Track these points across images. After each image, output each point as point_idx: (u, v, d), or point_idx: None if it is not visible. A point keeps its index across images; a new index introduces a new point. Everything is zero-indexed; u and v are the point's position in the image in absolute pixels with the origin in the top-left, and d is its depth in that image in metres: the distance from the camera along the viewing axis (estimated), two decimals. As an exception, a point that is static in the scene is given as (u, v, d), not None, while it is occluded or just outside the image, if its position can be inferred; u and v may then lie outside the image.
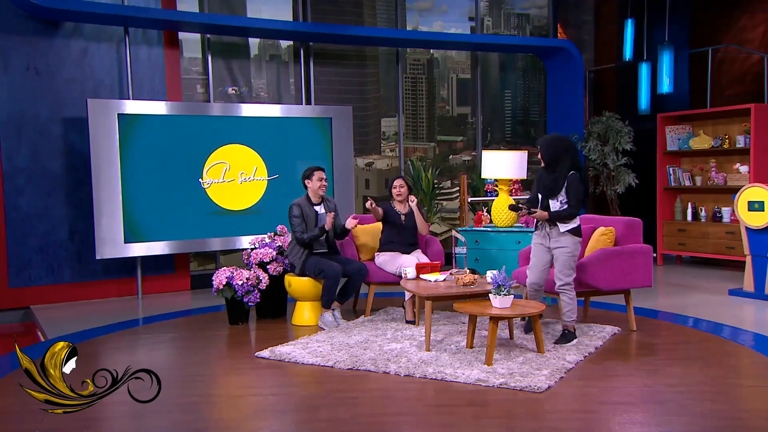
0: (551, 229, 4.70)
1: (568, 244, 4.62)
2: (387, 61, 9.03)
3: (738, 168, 8.02)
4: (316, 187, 5.64)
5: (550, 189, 4.62)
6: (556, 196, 4.60)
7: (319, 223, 5.65)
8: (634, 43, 9.14)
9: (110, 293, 7.26)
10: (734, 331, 5.26)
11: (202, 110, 7.38)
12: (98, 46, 7.18)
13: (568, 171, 4.58)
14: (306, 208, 5.64)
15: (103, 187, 6.80)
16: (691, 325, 5.45)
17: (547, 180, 4.67)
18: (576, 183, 4.57)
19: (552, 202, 4.62)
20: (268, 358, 4.65)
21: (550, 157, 4.64)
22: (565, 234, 4.62)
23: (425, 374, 4.13)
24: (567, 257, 4.64)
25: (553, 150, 4.63)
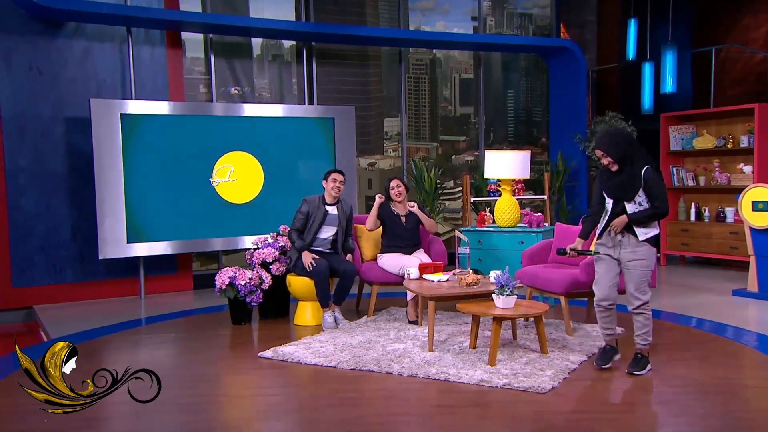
0: (625, 237, 4.01)
1: (646, 256, 3.99)
2: (389, 61, 9.02)
3: (742, 168, 8.00)
4: (329, 188, 5.65)
5: (628, 190, 3.92)
6: (634, 197, 3.92)
7: (327, 222, 5.65)
8: (637, 42, 9.13)
9: (113, 293, 7.26)
10: (738, 331, 5.24)
11: (205, 110, 7.38)
12: (101, 46, 7.18)
13: (642, 166, 3.92)
14: (314, 206, 5.64)
15: (106, 187, 6.80)
16: (694, 326, 5.43)
17: (620, 180, 3.96)
18: (656, 177, 3.93)
19: (629, 206, 3.95)
20: (270, 358, 4.64)
21: (623, 154, 3.91)
22: (643, 244, 3.97)
23: (428, 375, 4.12)
24: (644, 271, 3.99)
25: (624, 145, 3.92)
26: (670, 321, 5.60)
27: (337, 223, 5.68)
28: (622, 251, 4.02)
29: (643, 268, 3.98)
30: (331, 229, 5.68)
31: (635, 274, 3.98)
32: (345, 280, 5.57)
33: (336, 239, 5.70)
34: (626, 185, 3.92)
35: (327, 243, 5.69)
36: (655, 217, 3.95)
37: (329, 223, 5.66)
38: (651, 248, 4.01)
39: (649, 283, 4.03)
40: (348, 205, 5.84)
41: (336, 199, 5.69)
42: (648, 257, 3.99)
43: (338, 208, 5.71)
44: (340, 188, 5.63)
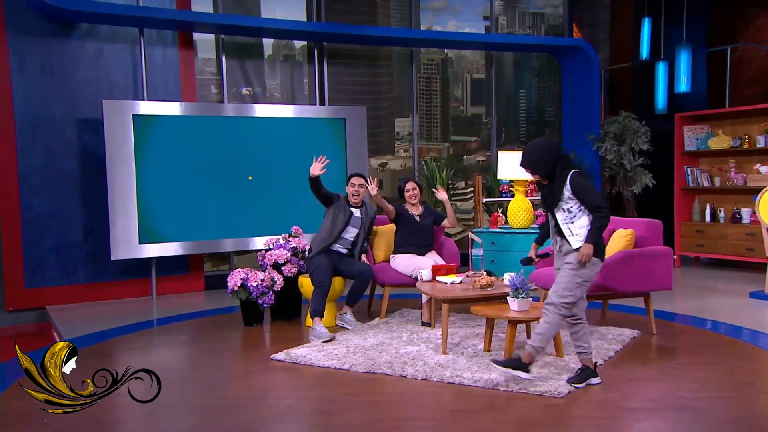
0: (562, 243, 3.87)
1: (576, 260, 3.78)
2: (401, 61, 8.98)
3: (758, 168, 7.90)
4: (350, 192, 5.64)
5: (554, 199, 3.79)
6: (559, 205, 3.78)
7: (352, 223, 5.63)
8: (651, 41, 9.04)
9: (125, 294, 7.26)
10: (756, 334, 5.17)
11: (217, 111, 7.37)
12: (113, 47, 7.19)
13: (568, 173, 3.77)
14: (341, 206, 5.63)
15: (118, 187, 6.80)
16: (711, 329, 5.36)
17: (547, 190, 3.85)
18: (584, 182, 3.75)
19: (558, 214, 3.82)
20: (283, 361, 4.62)
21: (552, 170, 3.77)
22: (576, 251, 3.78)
23: (443, 378, 4.08)
24: (570, 274, 3.77)
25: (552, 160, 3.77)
26: (687, 324, 5.53)
27: (360, 225, 5.67)
28: (563, 258, 3.88)
29: (569, 270, 3.76)
30: (354, 231, 5.67)
31: (561, 275, 3.83)
32: (360, 282, 5.55)
33: (356, 242, 5.68)
34: (553, 194, 3.79)
35: (348, 243, 5.69)
36: (604, 225, 3.74)
37: (353, 225, 5.65)
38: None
39: (572, 291, 3.76)
40: (372, 209, 5.84)
41: (359, 202, 5.67)
42: (579, 264, 3.75)
43: (362, 212, 5.70)
44: (359, 191, 5.61)
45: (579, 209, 3.75)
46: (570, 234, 3.76)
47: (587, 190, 3.73)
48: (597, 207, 3.71)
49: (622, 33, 10.35)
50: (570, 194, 3.73)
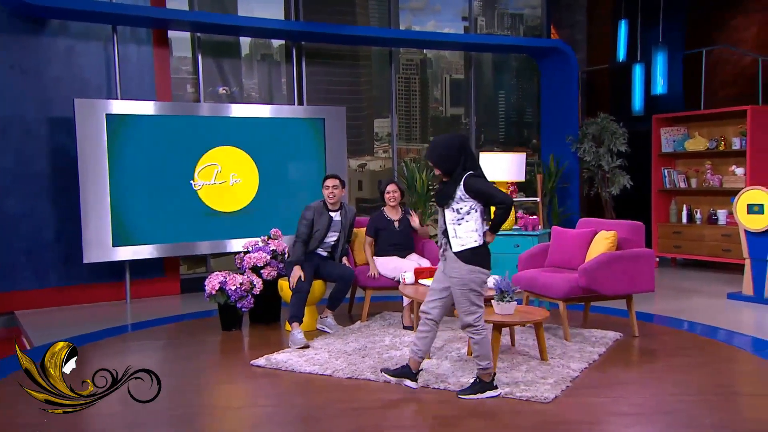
0: (448, 251, 3.73)
1: (459, 275, 3.68)
2: (380, 61, 8.91)
3: (734, 170, 7.98)
4: (325, 195, 5.51)
5: (445, 196, 3.69)
6: (449, 203, 3.68)
7: (333, 228, 5.53)
8: (628, 43, 9.09)
9: (98, 298, 7.08)
10: (736, 336, 5.20)
11: (193, 110, 7.23)
12: (86, 45, 7.00)
13: (464, 173, 3.66)
14: (319, 213, 5.51)
15: (91, 189, 6.63)
16: (692, 330, 5.38)
17: (442, 187, 3.76)
18: (476, 181, 3.65)
19: (447, 213, 3.70)
20: (263, 367, 4.52)
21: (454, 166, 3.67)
22: (457, 261, 3.67)
23: (427, 383, 4.02)
24: (461, 291, 3.69)
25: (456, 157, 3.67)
26: (668, 326, 5.54)
27: (340, 228, 5.57)
28: (447, 266, 3.77)
29: (459, 287, 3.69)
30: (334, 235, 5.58)
31: (454, 293, 3.75)
32: (341, 285, 5.46)
33: (336, 245, 5.59)
34: (446, 192, 3.69)
35: (328, 247, 5.60)
36: (506, 213, 3.68)
37: (333, 229, 5.56)
38: (465, 266, 3.67)
39: (474, 302, 3.71)
40: (351, 211, 5.73)
41: (336, 205, 5.56)
42: (461, 276, 3.67)
43: (342, 214, 5.60)
44: (334, 193, 5.49)
45: (468, 212, 3.67)
46: (454, 235, 3.68)
47: (484, 188, 3.67)
48: (501, 202, 3.67)
49: (600, 35, 10.40)
50: (462, 194, 3.65)
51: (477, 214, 3.69)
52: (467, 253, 3.67)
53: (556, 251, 5.44)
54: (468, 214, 3.67)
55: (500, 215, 3.71)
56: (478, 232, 3.69)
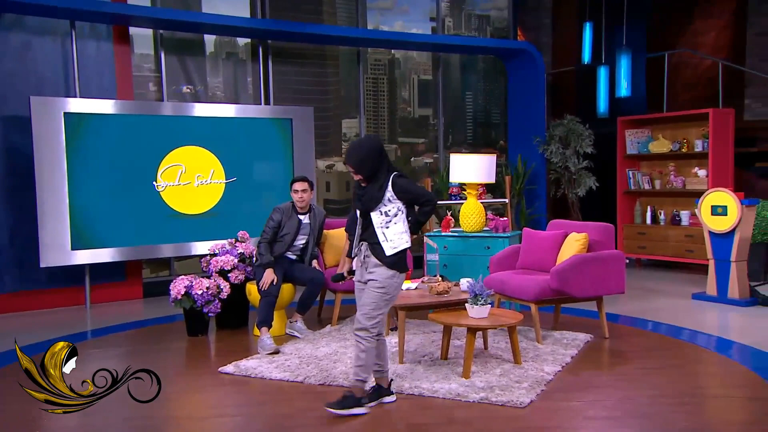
0: (371, 258, 3.63)
1: (380, 278, 3.57)
2: (348, 61, 8.81)
3: (696, 172, 8.11)
4: (295, 199, 5.38)
5: (373, 200, 3.58)
6: (377, 207, 3.59)
7: (302, 231, 5.41)
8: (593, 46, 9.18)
9: (55, 303, 6.83)
10: (704, 337, 5.26)
11: (155, 110, 7.02)
12: (42, 40, 6.74)
13: (389, 175, 3.60)
14: (287, 215, 5.38)
15: (48, 190, 6.38)
16: (661, 331, 5.42)
17: (366, 191, 3.62)
18: (404, 182, 3.62)
19: (375, 216, 3.60)
20: (232, 374, 4.38)
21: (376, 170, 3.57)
22: (380, 265, 3.58)
23: (401, 389, 3.94)
24: (376, 294, 3.56)
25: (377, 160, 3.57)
26: (637, 327, 5.58)
27: (309, 231, 5.46)
28: (366, 272, 3.65)
29: (375, 289, 3.57)
30: (303, 238, 5.46)
31: (366, 294, 3.61)
32: (312, 288, 5.34)
33: (306, 248, 5.48)
34: (372, 195, 3.58)
35: (297, 250, 5.48)
36: (430, 210, 3.69)
37: (302, 232, 5.44)
38: (389, 271, 3.57)
39: (380, 309, 3.58)
40: (321, 213, 5.62)
41: (305, 208, 5.44)
42: (382, 279, 3.57)
43: (311, 217, 5.48)
44: (303, 197, 5.37)
45: (396, 213, 3.61)
46: (384, 239, 3.58)
47: (411, 187, 3.67)
48: (427, 200, 3.68)
49: (565, 37, 10.49)
50: (391, 196, 3.58)
51: (403, 215, 3.66)
52: (392, 258, 3.58)
53: (527, 253, 5.43)
54: (396, 216, 3.62)
55: (425, 213, 3.72)
56: (407, 234, 3.67)
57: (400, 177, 3.63)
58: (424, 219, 3.75)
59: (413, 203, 3.69)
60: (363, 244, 3.67)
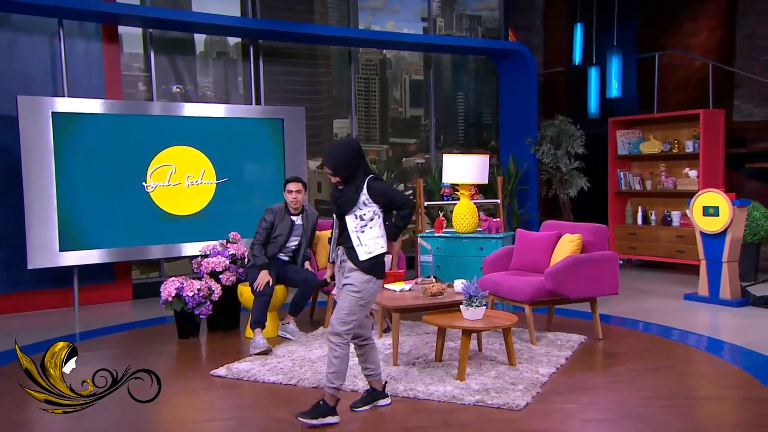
0: (344, 260, 3.55)
1: (356, 282, 3.47)
2: (339, 61, 8.77)
3: (687, 172, 8.14)
4: (288, 200, 5.33)
5: (348, 203, 3.51)
6: (352, 210, 3.50)
7: (294, 232, 5.36)
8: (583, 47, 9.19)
9: (44, 305, 6.74)
10: (697, 338, 5.27)
11: (145, 109, 6.95)
12: (29, 39, 6.65)
13: (364, 178, 3.52)
14: (280, 216, 5.33)
15: (36, 191, 6.30)
16: (653, 332, 5.42)
17: (342, 194, 3.55)
18: (379, 185, 3.53)
19: (349, 220, 3.51)
20: (224, 377, 4.34)
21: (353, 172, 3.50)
22: (355, 269, 3.49)
23: (396, 392, 3.91)
24: (350, 298, 3.46)
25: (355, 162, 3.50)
26: (627, 327, 5.58)
27: (302, 232, 5.41)
28: (342, 277, 3.56)
29: (351, 293, 3.46)
30: (295, 240, 5.41)
31: (342, 299, 3.51)
32: (305, 290, 5.30)
33: (298, 249, 5.43)
34: (347, 198, 3.51)
35: (289, 252, 5.44)
36: (407, 214, 3.59)
37: (295, 234, 5.39)
38: (365, 276, 3.46)
39: (355, 314, 3.47)
40: (314, 214, 5.57)
41: (298, 209, 5.40)
42: (359, 283, 3.46)
43: (303, 218, 5.43)
44: (297, 198, 5.33)
45: (371, 218, 3.51)
46: (359, 243, 3.48)
47: (387, 190, 3.56)
48: (403, 204, 3.57)
49: (556, 38, 10.50)
50: (366, 199, 3.49)
51: (380, 220, 3.55)
52: (368, 263, 3.48)
53: (520, 254, 5.42)
54: (371, 220, 3.52)
55: (403, 218, 3.60)
56: (383, 238, 3.56)
57: (375, 180, 3.54)
58: (402, 224, 3.62)
59: (389, 207, 3.58)
60: (340, 249, 3.58)
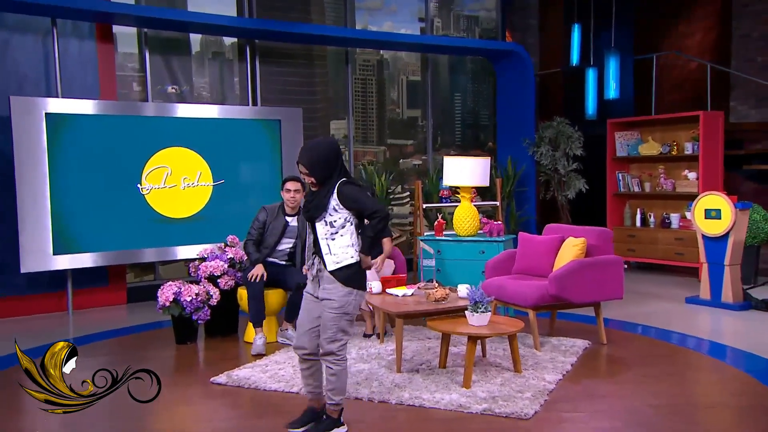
0: (320, 266, 3.33)
1: (336, 296, 3.26)
2: (336, 62, 8.68)
3: (686, 174, 8.11)
4: (286, 199, 5.24)
5: (318, 208, 3.26)
6: (322, 216, 3.26)
7: (287, 234, 5.27)
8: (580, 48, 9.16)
9: (37, 309, 6.62)
10: (700, 342, 5.22)
11: (140, 110, 6.85)
12: (22, 38, 6.53)
13: (337, 181, 3.27)
14: (273, 216, 5.24)
15: (29, 193, 6.19)
16: (657, 337, 5.36)
17: (313, 197, 3.32)
18: (352, 190, 3.27)
19: (319, 227, 3.28)
20: (225, 384, 4.25)
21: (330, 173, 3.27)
22: (333, 280, 3.26)
23: (401, 400, 3.83)
24: (333, 314, 3.26)
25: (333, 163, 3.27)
26: (631, 331, 5.53)
27: (296, 235, 5.31)
28: (320, 288, 3.33)
29: (332, 310, 3.25)
30: (290, 241, 5.31)
31: (324, 317, 3.28)
32: (298, 295, 5.20)
33: (294, 252, 5.33)
34: (317, 202, 3.26)
35: (284, 255, 5.32)
36: (383, 228, 3.29)
37: (288, 235, 5.29)
38: (344, 289, 3.26)
39: (344, 330, 3.29)
40: None
41: (295, 209, 5.30)
42: (338, 298, 3.25)
43: (299, 219, 5.32)
44: (295, 197, 5.23)
45: (343, 225, 3.26)
46: (327, 252, 3.26)
47: (361, 197, 3.27)
48: (374, 212, 3.25)
49: (551, 38, 10.46)
50: (336, 204, 3.24)
51: (352, 227, 3.29)
52: (344, 272, 3.25)
53: (523, 258, 5.35)
54: (342, 227, 3.26)
55: (373, 227, 3.26)
56: (354, 248, 3.29)
57: (346, 184, 3.26)
58: (372, 233, 3.26)
59: (360, 216, 3.31)
60: (315, 257, 3.35)
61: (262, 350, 4.85)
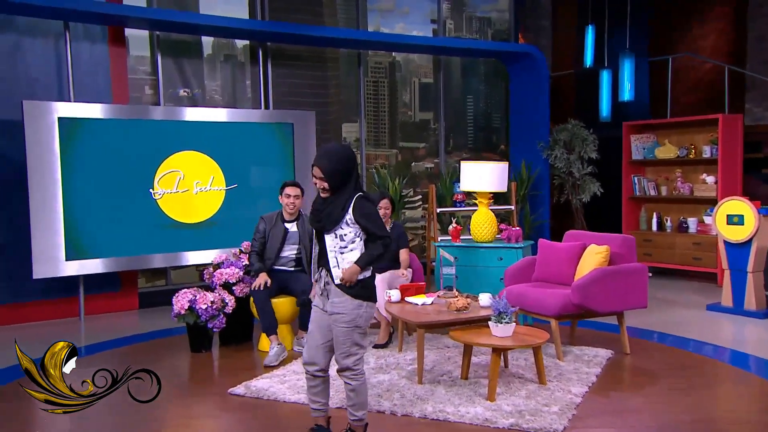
0: (327, 280, 3.21)
1: (346, 310, 3.15)
2: (348, 64, 8.59)
3: (704, 178, 7.99)
4: (284, 204, 5.16)
5: (331, 219, 3.13)
6: (334, 229, 3.15)
7: (289, 240, 5.18)
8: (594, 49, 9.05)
9: (48, 315, 6.55)
10: (727, 352, 5.10)
11: (152, 114, 6.77)
12: (33, 42, 6.47)
13: (353, 194, 3.17)
14: (272, 224, 5.16)
15: (41, 198, 6.11)
16: (682, 346, 5.24)
17: (325, 207, 3.17)
18: (369, 206, 3.17)
19: (328, 239, 3.17)
20: (243, 395, 4.16)
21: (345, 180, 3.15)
22: (342, 294, 3.15)
23: (425, 413, 3.74)
24: (345, 329, 3.15)
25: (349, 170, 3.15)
26: (653, 340, 5.42)
27: (299, 240, 5.21)
28: (328, 302, 3.21)
29: (343, 324, 3.14)
30: (293, 248, 5.22)
31: (336, 332, 3.17)
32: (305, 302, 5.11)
33: (300, 258, 5.24)
34: (330, 213, 3.13)
35: (290, 262, 5.23)
36: (383, 255, 3.20)
37: (290, 242, 5.20)
38: (353, 301, 3.14)
39: (358, 343, 3.19)
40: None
41: (294, 215, 5.22)
42: (349, 311, 3.14)
43: (299, 225, 5.23)
44: (294, 203, 5.15)
45: (353, 239, 3.15)
46: (336, 265, 3.15)
47: (373, 217, 3.17)
48: (382, 237, 3.16)
49: (564, 40, 10.35)
50: (350, 218, 3.13)
51: (362, 243, 3.18)
52: (354, 287, 3.14)
53: (543, 265, 5.25)
54: (353, 242, 3.15)
55: (370, 250, 3.16)
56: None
57: (363, 199, 3.15)
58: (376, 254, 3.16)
59: (365, 233, 3.18)
60: (322, 270, 3.23)
61: (273, 362, 4.76)
